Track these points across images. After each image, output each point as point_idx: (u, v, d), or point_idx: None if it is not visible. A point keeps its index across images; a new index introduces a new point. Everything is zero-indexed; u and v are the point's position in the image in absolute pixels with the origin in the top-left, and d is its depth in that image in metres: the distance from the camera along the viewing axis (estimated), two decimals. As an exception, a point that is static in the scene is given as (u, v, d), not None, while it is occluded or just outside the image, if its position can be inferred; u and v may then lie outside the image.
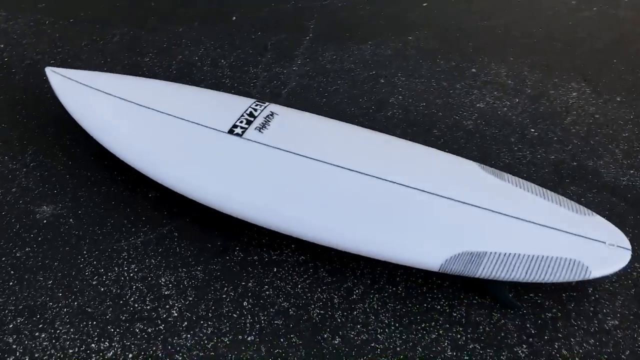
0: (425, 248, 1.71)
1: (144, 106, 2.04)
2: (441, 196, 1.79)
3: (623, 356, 1.70)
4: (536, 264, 1.68)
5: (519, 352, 1.70)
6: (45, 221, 1.98)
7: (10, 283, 1.79)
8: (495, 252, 1.69)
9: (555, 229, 1.75)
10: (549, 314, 1.80)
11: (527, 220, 1.76)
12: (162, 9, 3.19)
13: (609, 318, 1.80)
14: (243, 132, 1.96)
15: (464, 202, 1.78)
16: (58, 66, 2.63)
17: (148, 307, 1.76)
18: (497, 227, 1.75)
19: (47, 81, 2.49)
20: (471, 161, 2.03)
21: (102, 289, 1.79)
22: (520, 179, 1.95)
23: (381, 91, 2.70)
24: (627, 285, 1.90)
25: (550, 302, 1.83)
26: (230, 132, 1.97)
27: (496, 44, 3.07)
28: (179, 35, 2.98)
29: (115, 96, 2.06)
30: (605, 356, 1.70)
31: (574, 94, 2.76)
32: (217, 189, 1.88)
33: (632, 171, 2.34)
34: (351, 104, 2.60)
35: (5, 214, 2.00)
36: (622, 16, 3.43)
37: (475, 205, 1.78)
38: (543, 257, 1.69)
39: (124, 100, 2.05)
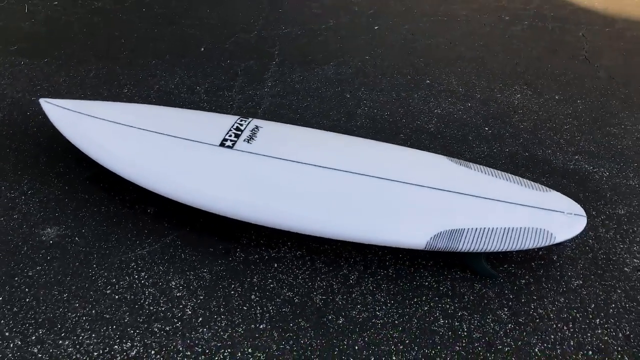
0: (411, 230, 1.93)
1: (140, 128, 2.19)
2: (419, 185, 2.02)
3: (589, 309, 1.95)
4: (508, 235, 1.92)
5: (502, 314, 1.92)
6: (51, 242, 2.09)
7: (27, 299, 1.88)
8: (472, 228, 1.92)
9: (521, 204, 2.01)
10: (523, 280, 2.04)
11: (496, 200, 2.01)
12: (131, 45, 3.36)
13: (574, 279, 2.06)
14: (233, 144, 2.14)
15: (440, 189, 2.02)
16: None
17: (163, 308, 1.88)
18: (470, 207, 1.98)
19: (32, 116, 2.63)
20: (440, 155, 2.28)
21: (117, 297, 1.91)
22: (484, 167, 2.21)
23: (348, 104, 2.94)
24: (584, 250, 2.17)
25: (522, 271, 2.08)
26: (222, 144, 2.14)
27: (444, 58, 3.39)
28: (153, 67, 3.15)
29: (111, 121, 2.21)
30: (574, 310, 1.94)
31: (518, 95, 3.09)
32: (215, 195, 2.05)
33: (576, 157, 2.65)
34: (323, 117, 2.83)
35: (11, 238, 2.09)
36: (550, 28, 3.84)
37: (449, 190, 2.02)
38: (513, 228, 1.93)
39: (121, 124, 2.20)
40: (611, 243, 2.21)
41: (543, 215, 1.98)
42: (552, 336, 1.86)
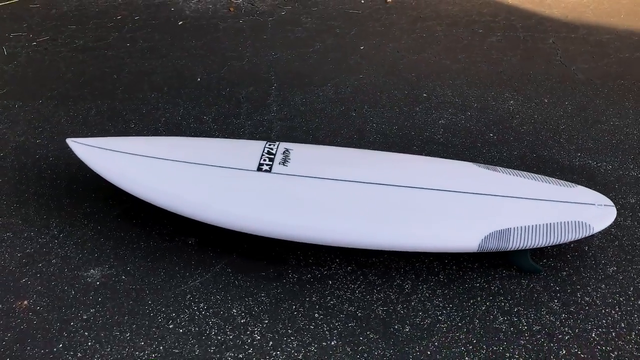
0: (463, 234, 2.01)
1: (175, 160, 2.18)
2: (461, 192, 2.11)
3: (629, 292, 2.07)
4: (551, 230, 2.02)
5: (553, 306, 2.02)
6: (98, 283, 2.03)
7: (89, 343, 1.82)
8: (518, 227, 2.02)
9: (556, 200, 2.13)
10: (564, 272, 2.15)
11: (532, 198, 2.12)
12: (125, 80, 3.32)
13: (608, 266, 2.18)
14: (270, 167, 2.17)
15: (481, 193, 2.11)
16: (47, 143, 2.69)
17: (230, 336, 1.87)
18: (512, 207, 2.08)
19: (42, 159, 2.57)
20: (467, 162, 2.39)
21: (181, 330, 1.88)
22: (509, 169, 2.32)
23: (356, 122, 3.02)
24: (610, 239, 2.30)
25: (561, 264, 2.19)
26: (259, 169, 2.16)
27: (433, 72, 3.54)
28: (153, 100, 3.12)
29: (145, 156, 2.18)
30: (617, 295, 2.06)
31: (511, 102, 3.26)
32: (261, 218, 2.06)
33: (579, 154, 2.82)
34: (335, 136, 2.88)
35: (55, 284, 2.02)
36: (522, 37, 4.07)
37: (489, 194, 2.11)
38: (555, 223, 2.04)
39: (154, 158, 2.18)
40: (631, 230, 2.35)
41: (578, 209, 2.11)
42: (604, 321, 1.96)
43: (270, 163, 2.18)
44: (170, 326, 1.89)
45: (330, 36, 3.96)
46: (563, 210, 2.09)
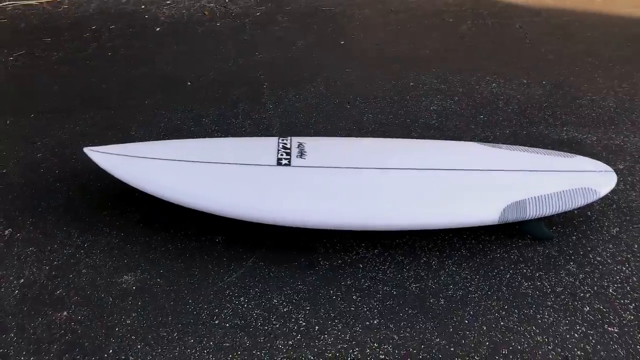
0: (484, 209, 2.12)
1: (195, 161, 2.20)
2: (474, 169, 2.23)
3: (634, 249, 2.24)
4: (562, 198, 2.16)
5: (570, 268, 2.16)
6: (134, 288, 2.04)
7: (139, 346, 1.84)
8: (531, 197, 2.15)
9: (561, 170, 2.27)
10: (573, 237, 2.30)
11: (539, 170, 2.26)
12: (116, 89, 3.30)
13: (612, 227, 2.35)
14: (289, 161, 2.22)
15: (492, 169, 2.24)
16: (49, 157, 2.66)
17: (277, 325, 1.92)
18: (523, 180, 2.22)
19: (47, 172, 2.57)
20: (470, 142, 2.51)
21: (227, 325, 1.92)
22: (510, 145, 2.46)
23: (352, 114, 3.11)
24: (608, 203, 2.47)
25: (569, 229, 2.33)
26: (279, 164, 2.22)
27: (415, 61, 3.67)
28: (148, 107, 3.12)
29: (165, 159, 2.20)
30: (624, 253, 2.22)
31: (494, 84, 3.42)
32: (289, 208, 2.12)
33: (565, 128, 3.00)
34: (336, 129, 2.96)
35: (91, 293, 2.02)
36: (490, 24, 4.26)
37: (500, 169, 2.24)
38: (564, 191, 2.18)
39: (175, 160, 2.20)
40: (625, 193, 2.53)
41: (582, 177, 2.26)
42: (617, 277, 2.12)
43: (289, 157, 2.24)
44: (216, 322, 1.92)
45: (310, 34, 4.04)
46: (569, 178, 2.24)
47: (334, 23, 4.20)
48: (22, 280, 2.06)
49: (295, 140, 2.36)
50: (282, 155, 2.25)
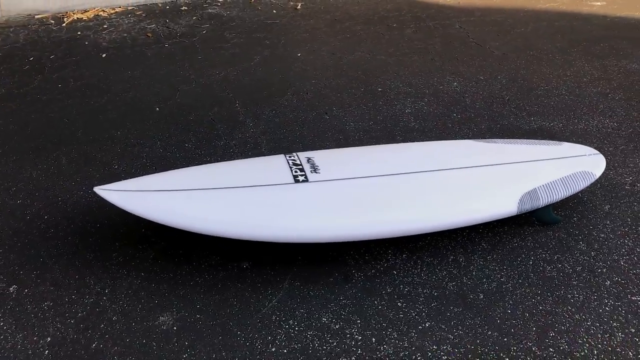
0: (502, 202, 2.22)
1: (211, 188, 2.14)
2: (483, 165, 2.33)
3: (628, 221, 2.44)
4: (567, 183, 2.31)
5: (581, 247, 2.31)
6: (175, 328, 1.94)
7: (201, 387, 1.75)
8: (541, 185, 2.29)
9: (557, 158, 2.43)
10: (575, 218, 2.47)
11: (540, 159, 2.41)
12: (79, 121, 3.10)
13: (603, 205, 2.54)
14: (305, 177, 2.22)
15: (499, 164, 2.35)
16: (30, 202, 2.47)
17: (334, 343, 1.90)
18: (529, 170, 2.35)
19: (35, 219, 2.40)
20: (464, 140, 2.62)
21: (285, 351, 1.87)
22: (502, 139, 2.59)
23: (334, 123, 3.13)
24: (594, 183, 2.67)
25: (569, 212, 2.50)
26: (296, 181, 2.20)
27: (375, 68, 3.76)
28: (122, 137, 2.96)
29: (179, 190, 2.11)
30: (621, 226, 2.41)
31: (455, 83, 3.58)
32: (317, 227, 2.11)
33: (532, 118, 3.20)
34: (323, 140, 2.97)
35: (131, 340, 1.89)
36: (432, 26, 4.45)
37: (506, 163, 2.36)
38: (567, 176, 2.33)
39: (192, 190, 2.12)
40: (605, 172, 2.74)
41: (577, 162, 2.43)
42: (623, 249, 2.30)
43: (303, 173, 2.22)
44: (273, 349, 1.87)
45: (264, 48, 4.01)
46: (567, 164, 2.40)
47: (284, 36, 4.20)
48: (48, 339, 1.89)
49: (303, 155, 2.35)
50: (296, 172, 2.23)
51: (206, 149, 2.86)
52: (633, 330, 1.94)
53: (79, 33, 4.13)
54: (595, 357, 1.85)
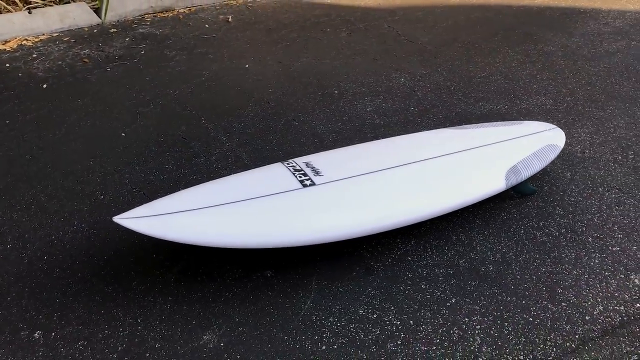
0: (492, 180, 2.43)
1: (229, 203, 2.17)
2: (466, 150, 2.54)
3: (589, 184, 2.76)
4: (540, 156, 2.58)
5: (559, 211, 2.59)
6: (222, 344, 1.96)
7: (269, 395, 1.80)
8: (519, 161, 2.53)
9: (526, 135, 2.70)
10: (546, 187, 2.75)
11: (512, 138, 2.66)
12: (46, 157, 2.96)
13: (565, 172, 2.85)
14: (311, 181, 2.32)
15: (478, 146, 2.57)
16: (23, 243, 2.36)
17: (377, 332, 2.01)
18: (505, 149, 2.59)
19: (35, 261, 2.29)
20: (440, 128, 2.83)
21: (336, 346, 1.95)
22: (471, 124, 2.83)
23: (305, 129, 3.23)
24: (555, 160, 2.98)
25: (539, 182, 2.78)
26: (304, 186, 2.29)
27: (325, 72, 3.90)
28: (97, 167, 2.87)
29: (201, 207, 2.13)
30: (585, 189, 2.73)
31: (402, 79, 3.81)
32: (334, 226, 2.21)
33: (480, 103, 3.49)
34: (300, 145, 3.06)
35: (182, 363, 1.89)
36: (363, 27, 4.66)
37: (484, 145, 2.59)
38: (539, 149, 2.60)
39: (209, 207, 2.14)
40: (556, 144, 3.06)
41: (542, 136, 2.71)
42: (593, 208, 2.60)
43: (308, 177, 2.32)
44: (323, 347, 1.95)
45: (210, 63, 4.01)
46: (535, 140, 2.67)
47: (225, 49, 4.23)
48: (97, 377, 1.84)
49: (300, 161, 2.44)
50: (300, 177, 2.31)
51: (188, 168, 2.85)
52: (622, 276, 2.22)
53: (7, 65, 3.90)
54: (600, 304, 2.10)
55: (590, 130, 3.16)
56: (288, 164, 2.40)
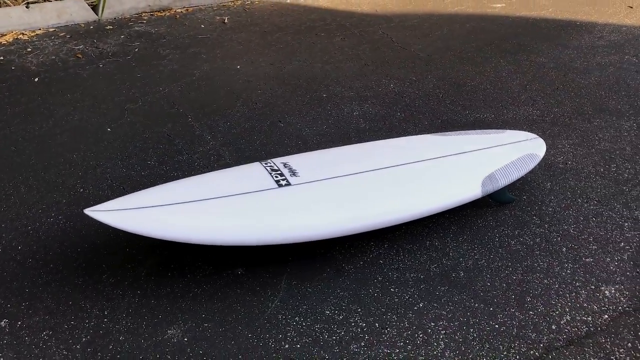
0: (468, 187, 2.44)
1: (202, 200, 2.18)
2: (444, 156, 2.55)
3: (568, 194, 2.76)
4: (518, 165, 2.59)
5: (536, 220, 2.59)
6: (186, 339, 1.96)
7: (227, 391, 1.80)
8: (497, 169, 2.54)
9: (506, 143, 2.71)
10: (524, 197, 2.75)
11: (492, 146, 2.67)
12: (31, 149, 2.98)
13: (545, 182, 2.85)
14: (286, 181, 2.33)
15: (458, 153, 2.58)
16: None
17: (341, 332, 2.02)
18: (484, 157, 2.60)
19: (9, 251, 2.29)
20: (423, 135, 2.84)
21: (299, 345, 1.96)
22: (454, 131, 2.84)
23: (290, 130, 3.24)
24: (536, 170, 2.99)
25: (517, 191, 2.79)
26: (279, 185, 2.31)
27: (314, 75, 3.92)
28: (79, 161, 2.89)
29: (176, 203, 2.14)
30: (564, 200, 2.73)
31: (391, 85, 3.82)
32: (307, 226, 2.22)
33: (467, 112, 3.50)
34: (284, 146, 3.08)
35: (144, 356, 1.89)
36: (358, 33, 4.69)
37: (463, 152, 2.60)
38: (517, 159, 2.61)
39: (187, 202, 2.15)
40: (539, 155, 3.07)
41: (522, 145, 2.72)
42: (570, 219, 2.60)
43: (284, 177, 2.33)
44: (286, 346, 1.96)
45: (202, 62, 4.04)
46: (514, 148, 2.68)
47: (219, 49, 4.25)
48: (58, 367, 1.85)
49: (278, 161, 2.45)
50: (276, 177, 2.33)
51: (170, 165, 2.87)
52: (593, 287, 2.22)
53: (1, 58, 3.93)
54: (567, 314, 2.10)
55: (574, 141, 3.17)
56: (266, 163, 2.41)
